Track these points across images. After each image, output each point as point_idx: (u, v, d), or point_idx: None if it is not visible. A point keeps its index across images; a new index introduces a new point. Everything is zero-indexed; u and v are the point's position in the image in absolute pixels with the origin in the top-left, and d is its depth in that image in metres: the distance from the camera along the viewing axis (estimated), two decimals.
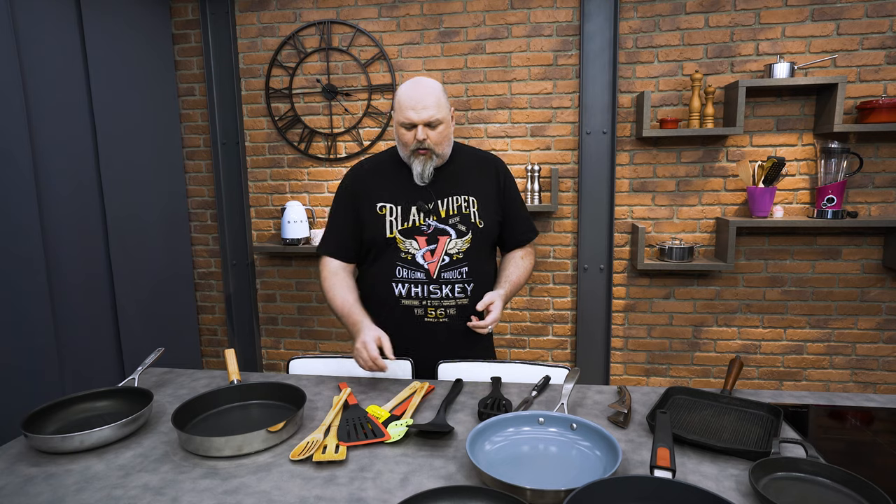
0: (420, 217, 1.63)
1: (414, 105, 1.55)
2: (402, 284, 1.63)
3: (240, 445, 1.15)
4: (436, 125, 1.57)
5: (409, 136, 1.57)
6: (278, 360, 3.39)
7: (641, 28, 2.76)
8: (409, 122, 1.56)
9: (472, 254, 1.65)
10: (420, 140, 1.56)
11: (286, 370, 1.72)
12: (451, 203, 1.65)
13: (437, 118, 1.56)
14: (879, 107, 2.48)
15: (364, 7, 2.96)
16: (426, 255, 1.62)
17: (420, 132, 1.55)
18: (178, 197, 3.15)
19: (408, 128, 1.57)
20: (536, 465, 1.10)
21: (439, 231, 1.63)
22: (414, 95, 1.56)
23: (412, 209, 1.63)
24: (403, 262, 1.63)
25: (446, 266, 1.62)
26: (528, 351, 3.13)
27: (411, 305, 1.64)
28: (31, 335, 2.20)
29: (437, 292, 1.63)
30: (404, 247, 1.62)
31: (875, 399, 1.41)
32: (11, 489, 1.05)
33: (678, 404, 1.34)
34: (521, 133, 2.94)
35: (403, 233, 1.63)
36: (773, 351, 2.91)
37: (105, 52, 2.59)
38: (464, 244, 1.64)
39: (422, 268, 1.62)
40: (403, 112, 1.56)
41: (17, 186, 2.14)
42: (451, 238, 1.63)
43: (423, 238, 1.62)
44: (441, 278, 1.62)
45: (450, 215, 1.64)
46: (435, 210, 1.64)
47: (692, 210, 2.87)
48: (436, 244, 1.62)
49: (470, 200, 1.66)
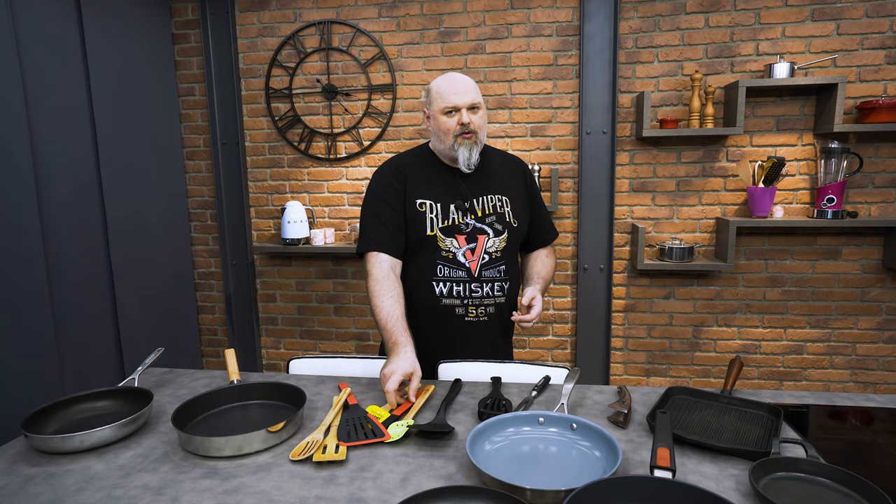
0: (459, 215, 1.64)
1: (456, 90, 1.58)
2: (444, 283, 1.63)
3: (240, 445, 1.15)
4: (477, 109, 1.60)
5: (453, 121, 1.59)
6: (278, 360, 3.39)
7: (641, 28, 2.76)
8: (454, 106, 1.58)
9: (508, 252, 1.67)
10: (465, 123, 1.58)
11: (286, 370, 1.72)
12: (486, 202, 1.67)
13: (479, 102, 1.60)
14: (879, 107, 2.48)
15: (364, 7, 2.96)
16: (467, 253, 1.63)
17: (465, 115, 1.57)
18: (178, 197, 3.15)
19: (451, 114, 1.59)
20: (536, 465, 1.10)
21: (478, 230, 1.64)
22: (454, 84, 1.60)
23: (451, 207, 1.64)
24: (445, 261, 1.63)
25: (486, 264, 1.64)
26: (528, 351, 3.13)
27: (452, 304, 1.64)
28: (31, 335, 2.20)
29: (479, 291, 1.64)
30: (444, 245, 1.63)
31: (875, 399, 1.41)
32: (11, 489, 1.05)
33: (678, 404, 1.34)
34: (521, 133, 2.94)
35: (444, 231, 1.63)
36: (773, 351, 2.91)
37: (105, 53, 2.59)
38: (501, 243, 1.66)
39: (463, 266, 1.63)
40: (446, 98, 1.58)
41: (18, 186, 2.14)
42: (490, 237, 1.65)
43: (463, 237, 1.63)
44: (482, 276, 1.64)
45: (486, 214, 1.66)
46: (472, 209, 1.65)
47: (692, 210, 2.87)
48: (475, 243, 1.64)
49: (504, 200, 1.69)
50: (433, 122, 1.64)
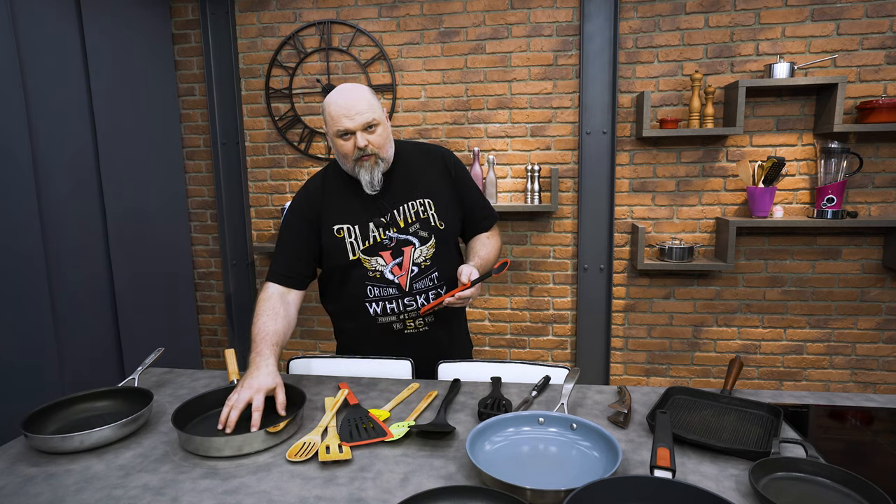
0: (380, 232, 1.58)
1: (346, 112, 1.47)
2: (377, 303, 1.60)
3: (240, 445, 1.15)
4: (374, 128, 1.50)
5: (349, 145, 1.49)
6: (278, 360, 3.38)
7: (641, 28, 2.76)
8: (346, 129, 1.47)
9: (438, 257, 1.61)
10: (361, 147, 1.48)
11: (286, 370, 1.72)
12: (407, 210, 1.59)
13: (374, 120, 1.49)
14: (879, 107, 2.48)
15: (364, 7, 2.95)
16: (394, 269, 1.58)
17: (360, 139, 1.47)
18: (178, 197, 3.15)
19: (345, 138, 1.49)
20: (536, 465, 1.10)
21: (402, 242, 1.58)
22: (344, 103, 1.47)
23: (370, 225, 1.57)
24: (373, 281, 1.58)
25: (416, 276, 1.59)
26: (528, 351, 3.13)
27: (389, 321, 1.62)
28: (31, 335, 2.20)
29: (412, 304, 1.60)
30: (370, 265, 1.58)
31: (875, 399, 1.41)
32: (11, 489, 1.05)
33: (678, 404, 1.34)
34: (521, 133, 2.94)
35: (366, 251, 1.57)
36: (773, 351, 2.91)
37: (105, 53, 2.59)
38: (429, 250, 1.59)
39: (392, 283, 1.58)
40: (337, 122, 1.48)
41: (18, 186, 2.14)
42: (416, 247, 1.58)
43: (388, 252, 1.58)
44: (414, 290, 1.59)
45: (409, 223, 1.59)
46: (393, 222, 1.58)
47: (692, 210, 2.87)
48: (401, 256, 1.58)
49: (426, 203, 1.60)
50: (331, 143, 1.54)
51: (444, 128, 2.99)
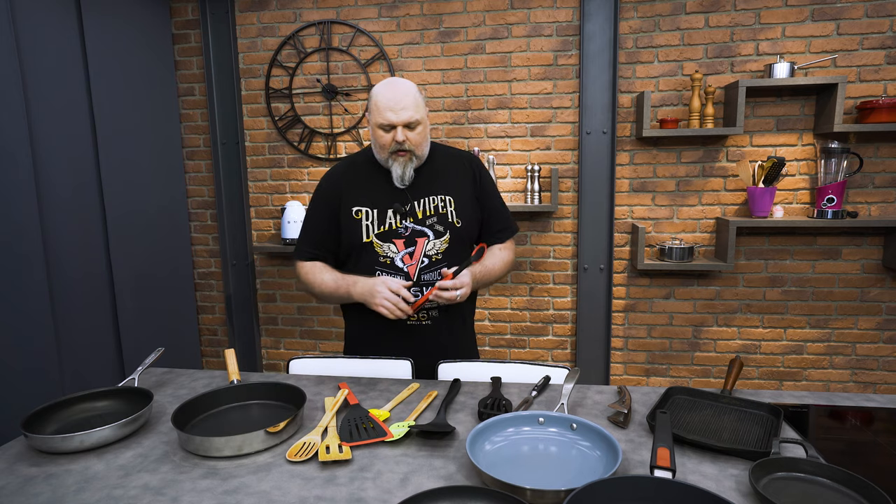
0: (397, 220, 1.61)
1: (393, 106, 1.52)
2: None
3: (240, 445, 1.15)
4: (415, 126, 1.55)
5: (388, 137, 1.55)
6: (278, 360, 3.39)
7: (641, 28, 2.76)
8: (389, 123, 1.53)
9: (450, 253, 1.63)
10: (399, 142, 1.54)
11: (286, 370, 1.72)
12: (427, 204, 1.63)
13: (416, 119, 1.54)
14: (879, 107, 2.48)
15: (364, 7, 2.96)
16: (405, 258, 1.60)
17: (399, 133, 1.53)
18: (178, 197, 3.15)
19: (386, 129, 1.55)
20: (536, 465, 1.10)
21: (416, 233, 1.61)
22: (392, 97, 1.53)
23: (388, 211, 1.61)
24: (382, 267, 1.61)
25: (426, 268, 1.61)
26: (528, 351, 3.13)
27: None
28: (31, 335, 2.20)
29: (418, 295, 1.61)
30: (382, 251, 1.61)
31: (875, 399, 1.41)
32: (11, 489, 1.05)
33: (678, 404, 1.34)
34: (521, 133, 2.94)
35: (380, 236, 1.61)
36: (773, 351, 2.91)
37: (105, 52, 2.59)
38: (442, 244, 1.62)
39: (401, 271, 1.61)
40: (382, 114, 1.53)
41: (18, 186, 2.14)
42: (430, 239, 1.61)
43: (401, 241, 1.61)
44: (421, 281, 1.61)
45: (427, 216, 1.62)
46: (412, 212, 1.62)
47: (692, 210, 2.87)
48: (414, 246, 1.61)
49: (447, 200, 1.65)
50: (371, 132, 1.61)
51: (444, 128, 2.99)
